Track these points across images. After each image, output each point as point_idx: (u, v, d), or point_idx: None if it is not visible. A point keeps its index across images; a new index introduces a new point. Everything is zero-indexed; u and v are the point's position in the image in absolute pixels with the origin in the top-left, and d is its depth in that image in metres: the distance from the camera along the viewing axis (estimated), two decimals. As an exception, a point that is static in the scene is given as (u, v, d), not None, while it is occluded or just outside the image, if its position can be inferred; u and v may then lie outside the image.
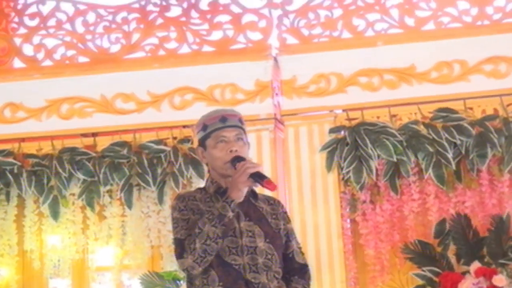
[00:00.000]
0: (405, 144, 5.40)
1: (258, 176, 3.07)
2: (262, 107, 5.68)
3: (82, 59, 6.00)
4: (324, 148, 5.53)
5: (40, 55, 6.03)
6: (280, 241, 3.24)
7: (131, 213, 5.74)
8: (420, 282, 5.24)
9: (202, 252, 3.04)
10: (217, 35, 5.88)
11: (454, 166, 5.33)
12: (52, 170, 5.77)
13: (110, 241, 5.80)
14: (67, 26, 6.07)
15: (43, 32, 6.08)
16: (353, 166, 5.42)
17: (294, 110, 5.69)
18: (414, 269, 5.29)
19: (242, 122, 3.30)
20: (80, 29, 6.06)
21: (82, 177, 5.76)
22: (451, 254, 5.26)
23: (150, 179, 5.65)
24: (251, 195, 3.24)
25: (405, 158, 5.38)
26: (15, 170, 5.83)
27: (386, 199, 5.44)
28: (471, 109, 5.48)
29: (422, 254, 5.24)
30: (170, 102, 5.82)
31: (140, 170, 5.68)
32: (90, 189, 5.76)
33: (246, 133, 3.29)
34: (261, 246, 3.16)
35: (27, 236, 5.84)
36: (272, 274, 3.16)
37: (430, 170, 5.32)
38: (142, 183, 5.68)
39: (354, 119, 5.56)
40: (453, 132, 5.35)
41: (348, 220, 5.53)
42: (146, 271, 5.53)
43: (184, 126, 5.75)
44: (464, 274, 5.15)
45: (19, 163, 5.85)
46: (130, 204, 5.71)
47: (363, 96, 5.61)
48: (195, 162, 5.56)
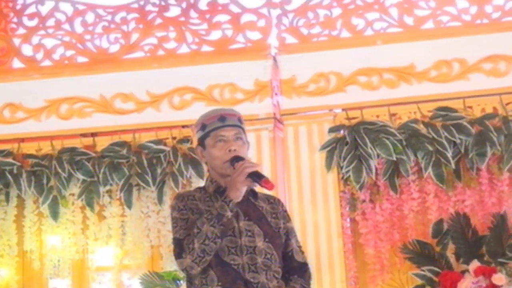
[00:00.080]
0: (404, 143, 5.39)
1: (256, 175, 3.08)
2: (261, 107, 5.67)
3: (81, 59, 5.99)
4: (323, 147, 5.52)
5: (39, 55, 6.03)
6: (279, 240, 3.24)
7: (131, 213, 5.74)
8: (419, 282, 5.23)
9: (201, 252, 3.04)
10: (216, 35, 5.87)
11: (453, 165, 5.32)
12: (51, 170, 5.76)
13: (110, 241, 5.79)
14: (66, 26, 6.06)
15: (42, 32, 6.07)
16: (352, 165, 5.41)
17: (293, 110, 5.68)
18: (414, 268, 5.27)
19: (241, 121, 3.29)
20: (79, 29, 6.05)
21: (81, 177, 5.76)
22: (450, 253, 5.24)
23: (150, 179, 5.65)
24: (251, 194, 3.24)
25: (404, 157, 5.37)
26: (15, 171, 5.82)
27: (386, 198, 5.44)
28: (471, 107, 5.47)
29: (421, 254, 5.23)
30: (169, 102, 5.81)
31: (139, 170, 5.67)
32: (89, 189, 5.75)
33: (245, 132, 3.29)
34: (260, 245, 3.16)
35: (27, 236, 5.83)
36: (271, 273, 3.16)
37: (430, 169, 5.32)
38: (141, 183, 5.67)
39: (353, 118, 5.55)
40: (452, 131, 5.34)
41: (348, 219, 5.52)
42: (146, 271, 5.52)
43: (183, 126, 5.74)
44: (463, 273, 5.13)
45: (19, 164, 5.84)
46: (129, 204, 5.70)
47: (363, 95, 5.60)
48: (195, 162, 5.56)
